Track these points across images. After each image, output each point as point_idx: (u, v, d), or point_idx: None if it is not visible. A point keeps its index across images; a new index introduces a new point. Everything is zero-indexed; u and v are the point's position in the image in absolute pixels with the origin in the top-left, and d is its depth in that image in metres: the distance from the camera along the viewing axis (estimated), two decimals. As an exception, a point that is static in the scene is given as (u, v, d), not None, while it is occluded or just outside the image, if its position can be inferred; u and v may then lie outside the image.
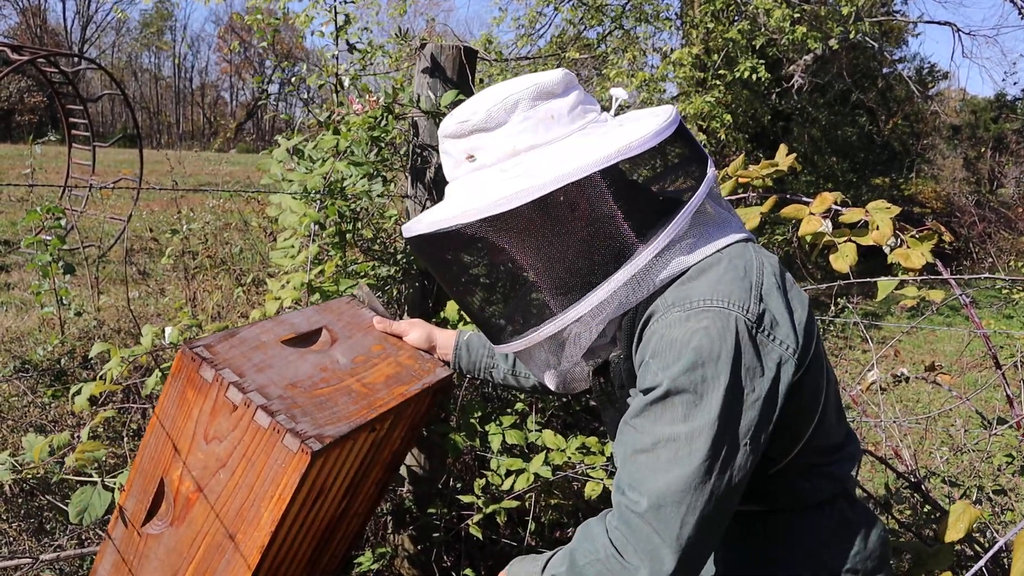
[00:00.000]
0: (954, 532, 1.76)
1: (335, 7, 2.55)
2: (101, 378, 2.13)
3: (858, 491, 2.67)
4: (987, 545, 2.17)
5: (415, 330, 1.71)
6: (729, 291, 1.09)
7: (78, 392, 2.06)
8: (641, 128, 1.13)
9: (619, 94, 1.26)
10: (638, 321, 1.15)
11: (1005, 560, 2.19)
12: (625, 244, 1.10)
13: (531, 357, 1.25)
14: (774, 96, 12.34)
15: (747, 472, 1.09)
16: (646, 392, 1.10)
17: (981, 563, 1.03)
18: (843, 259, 1.88)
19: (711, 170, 1.19)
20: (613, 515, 1.11)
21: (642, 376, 1.12)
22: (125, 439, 2.75)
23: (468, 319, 1.89)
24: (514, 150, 1.16)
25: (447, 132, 1.22)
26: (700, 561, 1.08)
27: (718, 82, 8.50)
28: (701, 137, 8.37)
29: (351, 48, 2.62)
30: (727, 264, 1.13)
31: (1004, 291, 8.32)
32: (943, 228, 1.91)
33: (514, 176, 1.12)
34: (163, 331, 2.02)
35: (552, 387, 1.32)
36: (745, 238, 1.21)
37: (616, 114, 1.26)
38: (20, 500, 2.81)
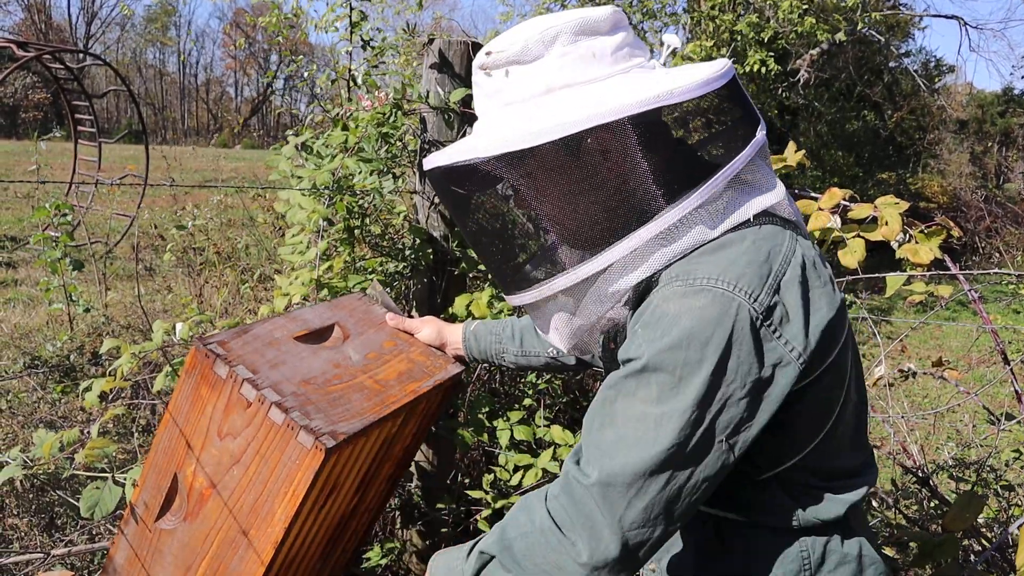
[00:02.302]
0: (960, 521, 1.77)
1: (350, 4, 2.55)
2: (111, 374, 2.14)
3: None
4: (994, 540, 2.17)
5: (427, 327, 1.72)
6: (740, 274, 0.98)
7: (88, 388, 2.07)
8: (688, 75, 1.03)
9: (671, 40, 1.15)
10: (649, 286, 1.06)
11: (1012, 554, 2.20)
12: (650, 202, 1.01)
13: (542, 314, 1.17)
14: (780, 91, 12.31)
15: (718, 473, 1.00)
16: (626, 363, 1.02)
17: (987, 553, 1.03)
18: (852, 255, 1.88)
19: (760, 133, 1.08)
20: (556, 485, 1.03)
21: (627, 345, 1.04)
22: (135, 435, 2.77)
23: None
24: (548, 87, 1.07)
25: (480, 63, 1.13)
26: (644, 553, 1.00)
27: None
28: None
29: (365, 45, 2.63)
30: (750, 244, 1.02)
31: (1011, 286, 8.30)
32: (951, 223, 1.91)
33: (543, 113, 1.04)
34: (174, 327, 2.03)
35: (564, 349, 1.22)
36: (786, 220, 1.10)
37: (666, 63, 1.15)
38: (31, 496, 2.83)
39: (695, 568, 1.20)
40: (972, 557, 2.13)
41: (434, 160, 1.13)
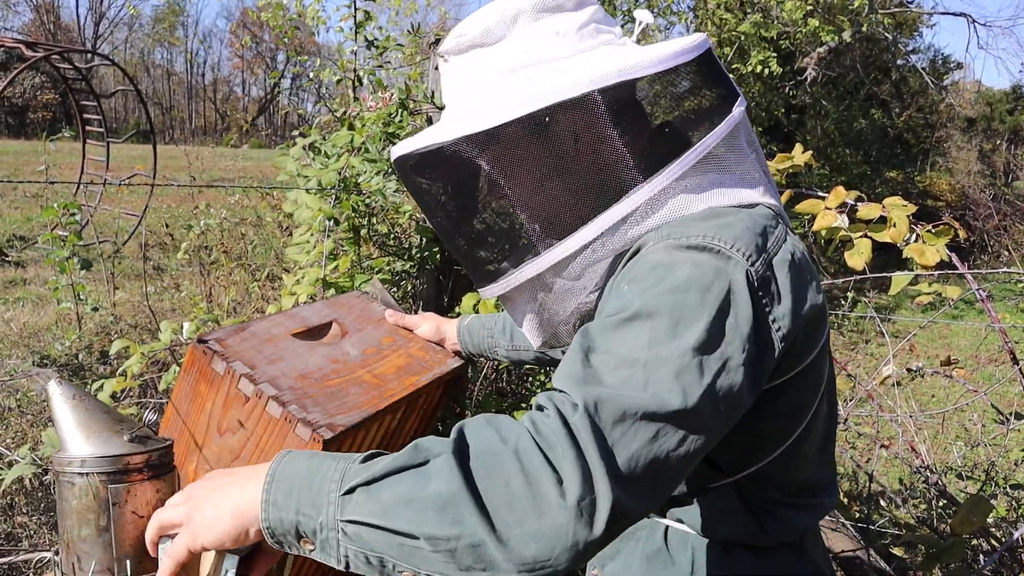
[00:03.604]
0: (967, 524, 1.77)
1: (355, 3, 2.56)
2: (121, 374, 2.15)
3: (874, 486, 2.68)
4: (1003, 540, 2.16)
5: (425, 323, 1.72)
6: (735, 235, 0.90)
7: (99, 389, 2.09)
8: (657, 49, 0.98)
9: (644, 16, 1.12)
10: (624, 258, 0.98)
11: (1022, 554, 2.19)
12: (616, 181, 0.95)
13: (515, 306, 1.09)
14: (787, 89, 12.28)
15: (707, 444, 0.82)
16: (610, 316, 0.87)
17: (999, 553, 1.02)
18: (858, 256, 1.88)
19: (738, 108, 1.02)
20: (536, 413, 0.80)
21: (605, 300, 0.95)
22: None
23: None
24: (511, 68, 1.02)
25: (444, 48, 1.09)
26: (635, 509, 0.76)
27: (730, 75, 8.45)
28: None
29: (370, 45, 2.64)
30: (745, 216, 0.95)
31: (1020, 285, 8.26)
32: (958, 224, 1.90)
33: (500, 94, 1.00)
34: (181, 327, 2.04)
35: (536, 343, 1.12)
36: (776, 210, 1.02)
37: (640, 41, 1.10)
38: (40, 494, 2.84)
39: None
40: (981, 557, 2.12)
41: (397, 149, 1.07)
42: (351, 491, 0.76)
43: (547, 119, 0.94)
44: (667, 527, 1.10)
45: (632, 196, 0.94)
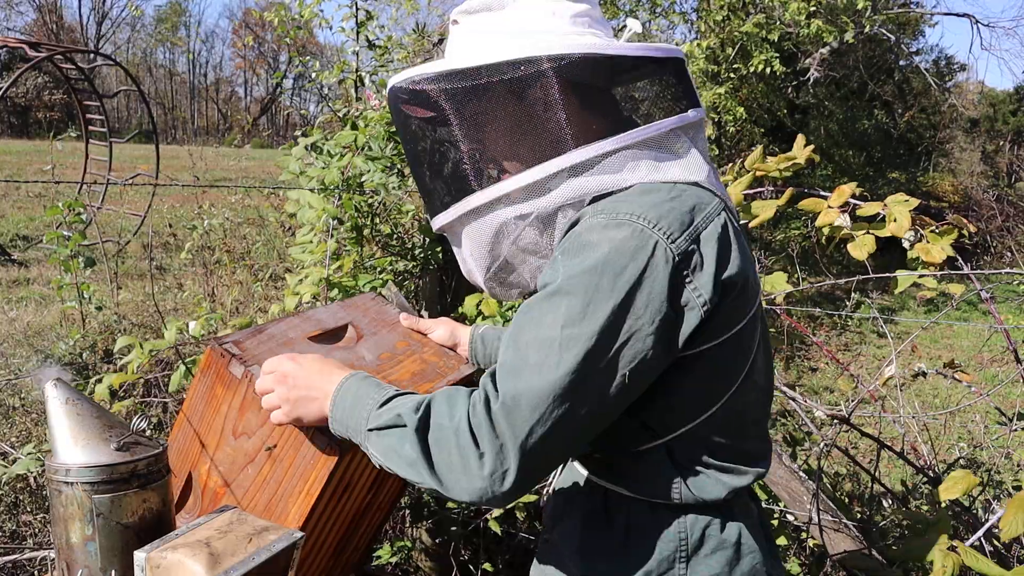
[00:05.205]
0: (950, 492, 1.76)
1: (355, 3, 2.56)
2: (122, 370, 2.16)
3: (876, 487, 2.68)
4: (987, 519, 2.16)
5: (440, 327, 1.71)
6: (662, 215, 1.03)
7: (98, 381, 2.09)
8: (632, 44, 1.13)
9: (634, 26, 1.23)
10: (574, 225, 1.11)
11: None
12: (564, 137, 1.08)
13: (461, 246, 1.22)
14: (790, 90, 12.28)
15: (615, 406, 1.04)
16: (543, 288, 1.06)
17: (982, 531, 1.02)
18: (862, 248, 1.88)
19: (692, 112, 1.16)
20: (478, 395, 1.05)
21: (546, 271, 1.08)
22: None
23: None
24: (507, 31, 1.15)
25: (456, 13, 1.22)
26: (541, 473, 1.05)
27: (732, 75, 8.46)
28: (712, 132, 8.34)
29: (371, 45, 2.64)
30: (677, 194, 1.08)
31: (1023, 287, 8.25)
32: (964, 221, 1.90)
33: (488, 42, 1.14)
34: (187, 325, 2.05)
35: (486, 288, 1.27)
36: (717, 194, 1.14)
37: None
38: (44, 493, 2.85)
39: (580, 540, 1.21)
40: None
41: (394, 79, 1.20)
42: (370, 430, 1.11)
43: (520, 69, 1.07)
44: (606, 490, 1.18)
45: (574, 152, 1.07)
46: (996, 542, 2.04)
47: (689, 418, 1.11)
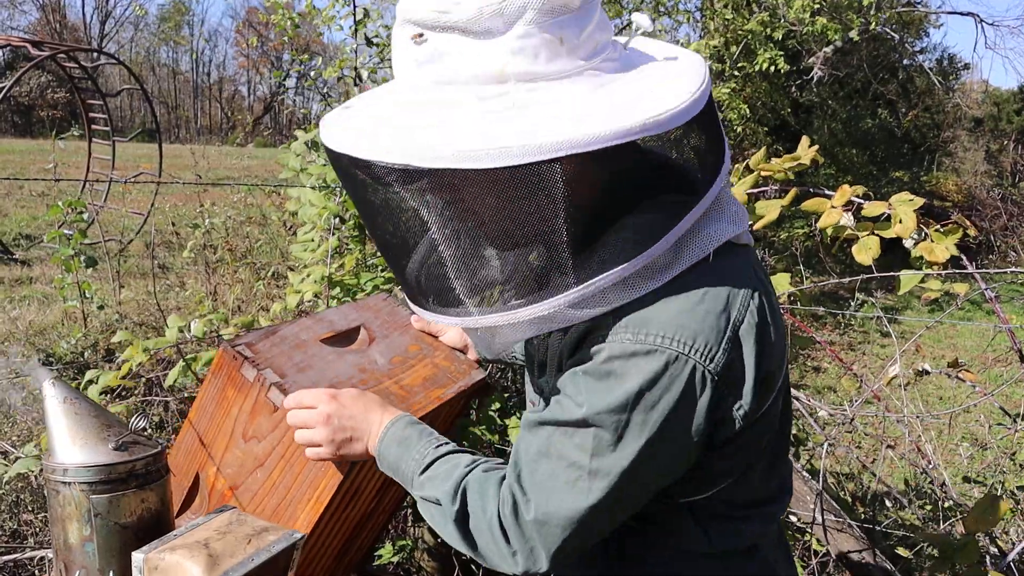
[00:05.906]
0: (982, 523, 1.75)
1: (354, 2, 2.56)
2: (118, 368, 2.15)
3: (879, 486, 2.67)
4: (1011, 542, 2.15)
5: (451, 329, 1.70)
6: (696, 331, 0.91)
7: (93, 381, 2.08)
8: (671, 93, 0.88)
9: (642, 22, 0.98)
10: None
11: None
12: (623, 251, 0.89)
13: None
14: (794, 88, 12.24)
15: (646, 502, 1.03)
16: (564, 398, 0.97)
17: (1013, 554, 1.01)
18: (866, 251, 1.87)
19: (726, 166, 0.98)
20: (506, 494, 1.01)
21: (568, 383, 0.97)
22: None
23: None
24: (502, 75, 0.87)
25: (415, 17, 0.89)
26: (574, 558, 1.05)
27: (736, 73, 8.45)
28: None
29: (369, 43, 2.64)
30: (705, 291, 0.93)
31: (1027, 285, 8.22)
32: (967, 221, 1.89)
33: (502, 122, 0.85)
34: (189, 324, 2.04)
35: (477, 354, 1.26)
36: (745, 244, 1.02)
37: (626, 48, 1.01)
38: (45, 492, 2.85)
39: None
40: (988, 559, 2.11)
41: (338, 140, 0.93)
42: (416, 492, 1.12)
43: (510, 176, 0.83)
44: (626, 529, 1.11)
45: (600, 278, 0.89)
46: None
47: (708, 488, 1.07)
